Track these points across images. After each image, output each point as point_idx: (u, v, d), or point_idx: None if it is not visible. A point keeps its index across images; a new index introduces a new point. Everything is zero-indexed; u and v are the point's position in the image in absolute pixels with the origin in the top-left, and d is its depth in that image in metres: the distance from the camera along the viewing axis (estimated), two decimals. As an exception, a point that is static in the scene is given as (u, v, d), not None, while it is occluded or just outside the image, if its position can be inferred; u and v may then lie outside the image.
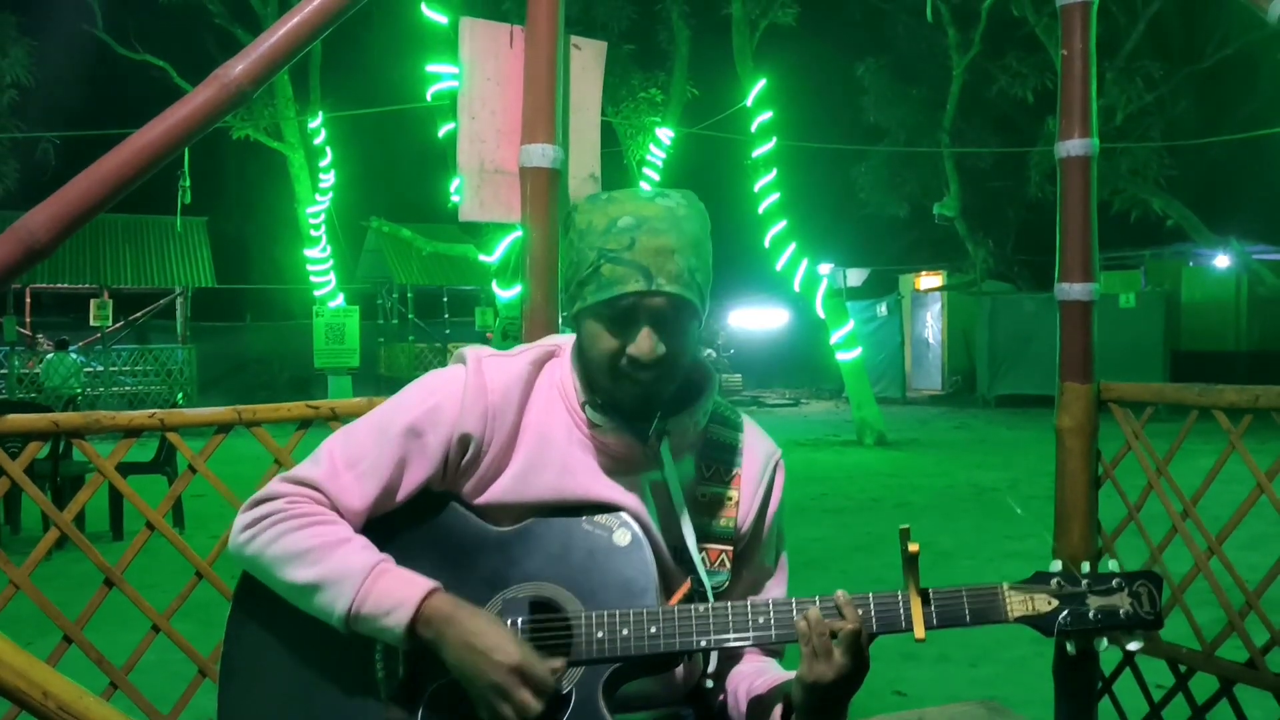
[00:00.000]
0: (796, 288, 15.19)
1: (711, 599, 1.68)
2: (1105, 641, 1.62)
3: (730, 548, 1.73)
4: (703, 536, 1.71)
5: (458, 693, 1.55)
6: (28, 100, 19.59)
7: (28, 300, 24.80)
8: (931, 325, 25.00)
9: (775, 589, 1.83)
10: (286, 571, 1.56)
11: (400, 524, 1.68)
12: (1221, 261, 20.27)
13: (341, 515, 1.63)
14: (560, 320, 2.37)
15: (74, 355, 19.05)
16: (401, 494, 1.65)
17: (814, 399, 24.12)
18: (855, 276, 27.04)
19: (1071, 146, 2.78)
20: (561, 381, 1.72)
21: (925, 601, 1.59)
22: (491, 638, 1.49)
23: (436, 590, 1.54)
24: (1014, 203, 22.65)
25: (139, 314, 25.07)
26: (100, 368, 20.86)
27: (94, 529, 8.37)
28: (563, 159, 2.35)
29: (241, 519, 1.63)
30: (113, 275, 22.81)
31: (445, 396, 1.68)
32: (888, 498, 10.42)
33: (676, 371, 1.64)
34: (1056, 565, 1.64)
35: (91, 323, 21.50)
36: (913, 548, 1.56)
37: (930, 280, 25.67)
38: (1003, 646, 5.17)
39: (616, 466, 1.69)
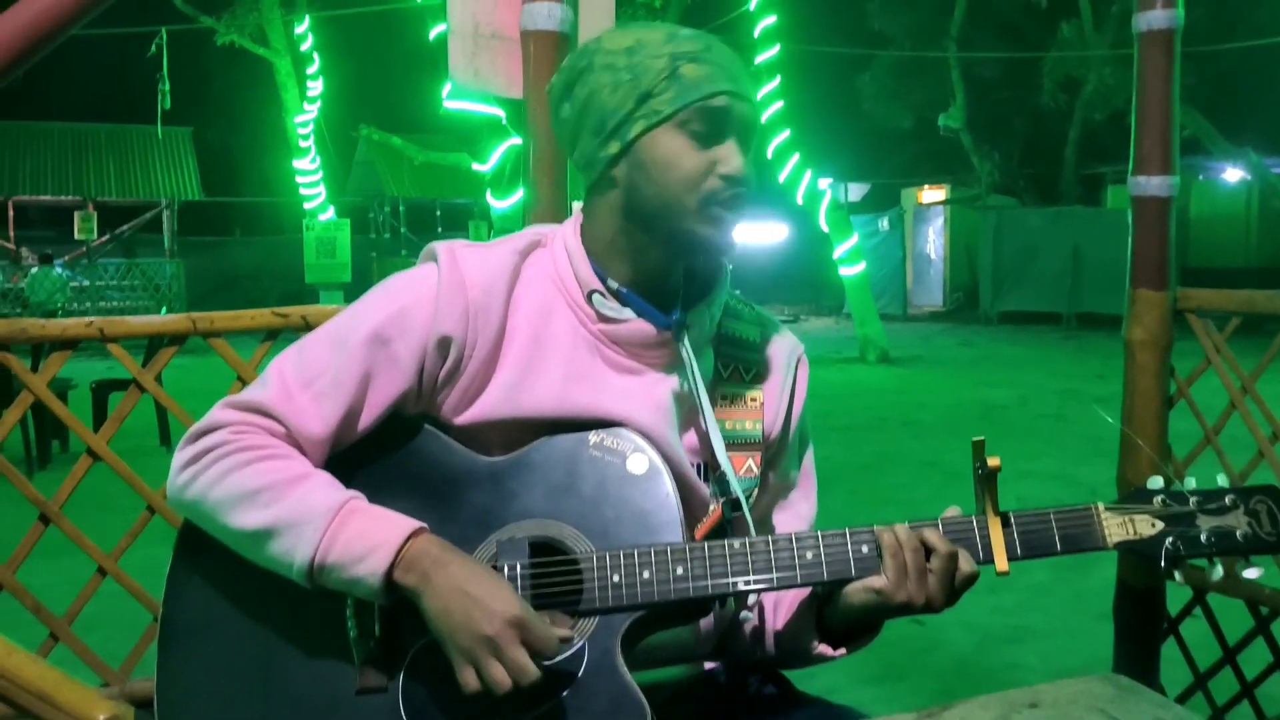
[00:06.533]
0: (800, 201, 14.85)
1: (748, 509, 1.42)
2: (1220, 570, 1.37)
3: (758, 453, 1.48)
4: (727, 442, 1.44)
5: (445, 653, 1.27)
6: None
7: (10, 213, 24.34)
8: (934, 240, 24.68)
9: (802, 503, 1.57)
10: (234, 516, 1.27)
11: (369, 458, 1.38)
12: (1232, 175, 19.94)
13: (300, 445, 1.34)
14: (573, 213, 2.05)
15: (59, 270, 18.65)
16: (368, 415, 1.36)
17: (814, 315, 23.89)
18: (855, 191, 26.69)
19: (1153, 18, 2.45)
20: (557, 273, 1.42)
21: (1006, 526, 1.34)
22: (490, 586, 1.21)
23: (422, 531, 1.25)
24: (1021, 114, 22.24)
25: (124, 227, 24.62)
26: (86, 282, 20.51)
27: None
28: (572, 20, 2.00)
29: (180, 456, 1.33)
30: (96, 187, 22.37)
31: (415, 298, 1.37)
32: (893, 416, 10.21)
33: (750, 207, 1.41)
34: (1157, 481, 1.38)
35: (76, 236, 21.12)
36: (992, 462, 1.31)
37: (933, 194, 25.31)
38: (1020, 571, 4.90)
39: (629, 369, 1.41)
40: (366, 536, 1.24)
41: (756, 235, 27.23)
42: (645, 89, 1.34)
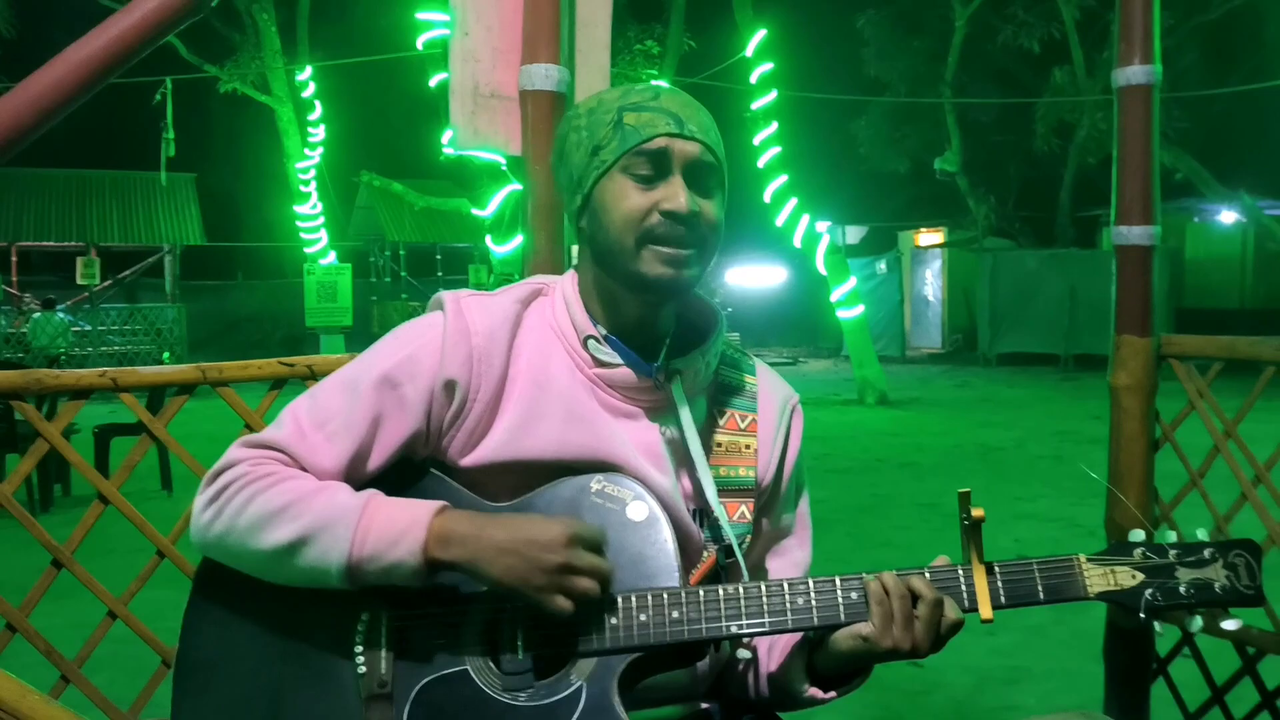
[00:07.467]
0: (797, 244, 14.91)
1: (741, 556, 1.48)
2: (1200, 621, 1.40)
3: (751, 500, 1.53)
4: (720, 489, 1.50)
5: (446, 691, 1.34)
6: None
7: (14, 259, 24.44)
8: (931, 283, 24.74)
9: (797, 550, 1.62)
10: (263, 537, 1.33)
11: None
12: (1227, 217, 20.02)
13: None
14: (568, 264, 2.11)
15: (61, 314, 18.69)
16: (378, 455, 1.43)
17: (812, 358, 23.89)
18: (853, 234, 26.75)
19: (1131, 74, 2.51)
20: (556, 320, 1.50)
21: (990, 575, 1.38)
22: (530, 525, 1.32)
23: (446, 508, 1.33)
24: (1016, 157, 22.37)
25: (127, 272, 24.71)
26: (88, 327, 20.54)
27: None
28: (568, 81, 2.08)
29: (201, 499, 1.40)
30: (100, 233, 22.47)
31: (423, 344, 1.45)
32: (892, 458, 10.21)
33: (708, 245, 1.46)
34: (1138, 534, 1.42)
35: (79, 281, 21.18)
36: (976, 513, 1.35)
37: (930, 237, 25.39)
38: (1019, 613, 4.94)
39: (626, 413, 1.47)
40: (396, 521, 1.31)
41: (755, 278, 27.33)
42: (596, 142, 1.43)
